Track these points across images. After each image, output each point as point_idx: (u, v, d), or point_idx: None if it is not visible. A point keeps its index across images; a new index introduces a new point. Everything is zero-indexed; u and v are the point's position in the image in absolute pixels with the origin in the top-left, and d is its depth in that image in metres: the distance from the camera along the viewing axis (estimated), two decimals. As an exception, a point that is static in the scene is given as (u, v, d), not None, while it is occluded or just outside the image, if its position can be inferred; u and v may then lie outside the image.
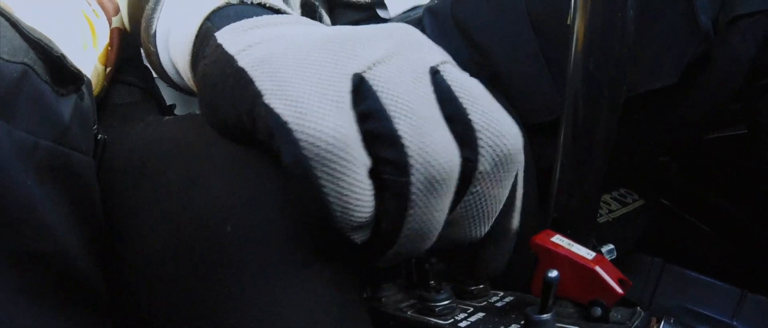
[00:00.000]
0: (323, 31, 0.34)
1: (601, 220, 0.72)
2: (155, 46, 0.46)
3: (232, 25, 0.36)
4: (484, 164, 0.31)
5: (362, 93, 0.30)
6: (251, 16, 0.37)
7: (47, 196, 0.32)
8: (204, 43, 0.38)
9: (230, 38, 0.35)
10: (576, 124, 0.46)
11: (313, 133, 0.28)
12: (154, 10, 0.45)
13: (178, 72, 0.45)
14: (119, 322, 0.38)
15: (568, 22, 0.46)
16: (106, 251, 0.38)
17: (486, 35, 0.64)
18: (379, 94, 0.30)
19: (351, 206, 0.30)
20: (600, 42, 0.44)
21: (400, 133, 0.29)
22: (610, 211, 0.75)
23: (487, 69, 0.64)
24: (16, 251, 0.30)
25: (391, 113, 0.29)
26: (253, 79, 0.31)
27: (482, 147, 0.31)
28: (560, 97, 0.54)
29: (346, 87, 0.30)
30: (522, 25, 0.62)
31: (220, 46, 0.35)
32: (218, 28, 0.37)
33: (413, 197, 0.30)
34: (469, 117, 0.31)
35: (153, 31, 0.45)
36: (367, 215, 0.31)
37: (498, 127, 0.31)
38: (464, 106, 0.31)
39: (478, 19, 0.65)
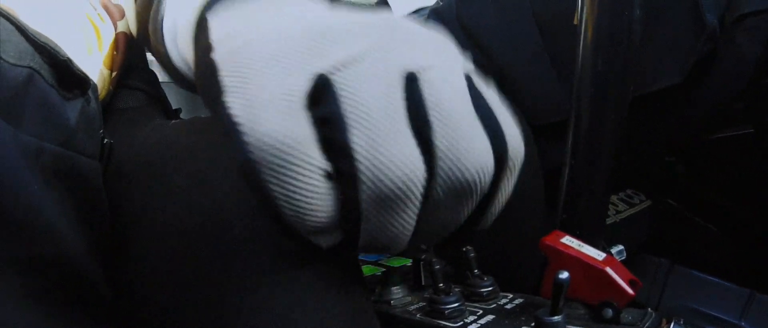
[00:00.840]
0: (309, 19, 0.32)
1: (608, 221, 0.72)
2: (164, 45, 0.45)
3: (225, 2, 0.35)
4: (436, 190, 0.29)
5: (325, 96, 0.28)
6: None
7: (53, 200, 0.32)
8: (201, 28, 0.36)
9: (218, 22, 0.34)
10: (584, 124, 0.46)
11: (260, 136, 0.27)
12: (159, 5, 0.45)
13: (190, 68, 0.44)
14: (124, 326, 0.38)
15: (575, 22, 0.46)
16: (111, 255, 0.38)
17: (491, 36, 0.64)
18: (341, 99, 0.28)
19: (302, 211, 0.29)
20: (607, 42, 0.44)
21: (353, 145, 0.27)
22: (618, 211, 0.75)
23: (492, 70, 0.64)
24: (21, 255, 0.30)
25: (349, 121, 0.27)
26: (219, 73, 0.30)
27: (439, 174, 0.28)
28: (566, 97, 0.54)
29: (304, 88, 0.28)
30: (527, 26, 0.62)
31: (206, 30, 0.34)
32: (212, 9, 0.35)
33: (364, 211, 0.28)
34: (433, 138, 0.28)
35: (160, 29, 0.44)
36: (323, 219, 0.29)
37: (461, 153, 0.28)
38: (432, 123, 0.28)
39: (483, 20, 0.65)
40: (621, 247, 0.59)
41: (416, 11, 0.79)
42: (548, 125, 0.61)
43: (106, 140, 0.40)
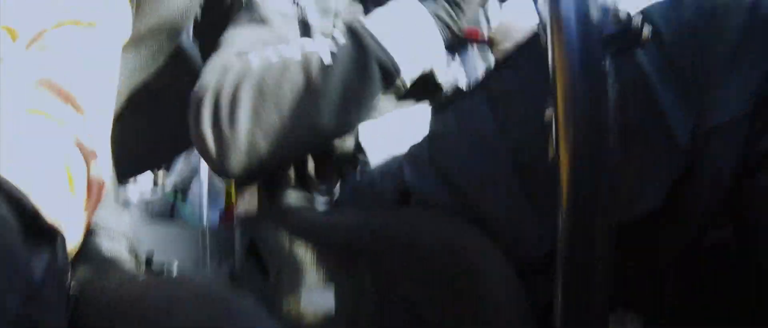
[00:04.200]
0: None
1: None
2: None
3: None
4: None
5: None
6: None
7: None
8: None
9: None
10: (572, 261, 0.45)
11: None
12: None
13: None
14: None
15: (550, 158, 0.46)
16: None
17: (465, 177, 0.64)
18: None
19: None
20: (585, 176, 0.44)
21: None
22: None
23: (468, 211, 0.63)
24: None
25: None
26: None
27: None
28: (547, 231, 0.53)
29: None
30: (501, 163, 0.62)
31: None
32: None
33: None
34: None
35: None
36: None
37: None
38: None
39: (456, 161, 0.66)
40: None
41: (392, 158, 0.78)
42: (532, 261, 0.60)
43: (72, 293, 0.38)
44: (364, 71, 0.78)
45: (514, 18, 0.94)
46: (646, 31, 0.46)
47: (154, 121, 0.79)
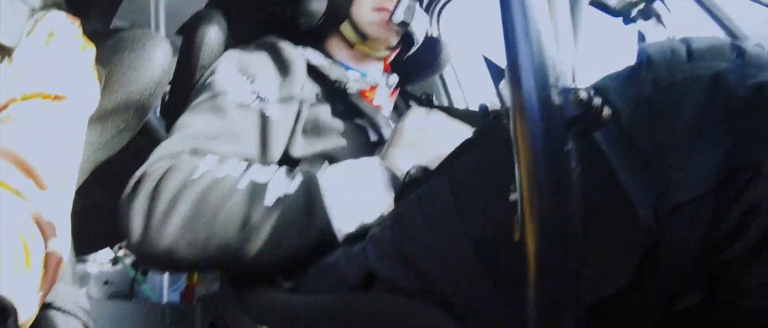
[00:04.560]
0: None
1: None
2: None
3: None
4: None
5: None
6: None
7: None
8: None
9: None
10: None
11: None
12: None
13: None
14: None
15: (516, 239, 0.46)
16: None
17: (428, 260, 0.63)
18: None
19: None
20: (554, 255, 0.44)
21: None
22: None
23: (432, 295, 0.62)
24: None
25: None
26: None
27: None
28: (512, 311, 0.53)
29: None
30: (464, 247, 0.61)
31: None
32: None
33: None
34: None
35: None
36: None
37: None
38: None
39: (419, 244, 0.65)
40: None
41: (362, 231, 0.78)
42: None
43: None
44: (304, 231, 0.78)
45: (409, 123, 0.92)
46: (607, 111, 0.47)
47: (117, 197, 0.77)
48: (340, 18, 1.09)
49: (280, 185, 0.79)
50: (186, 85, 0.99)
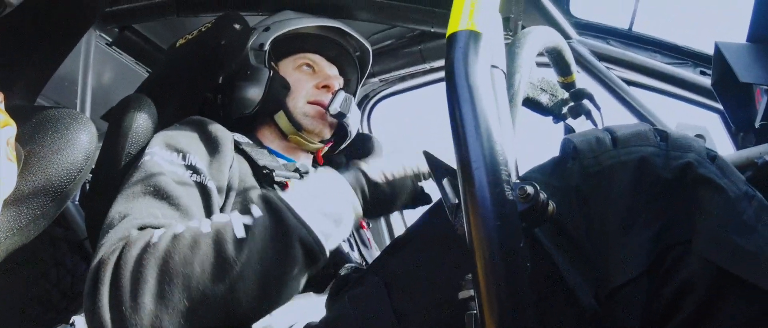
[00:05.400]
0: None
1: None
2: None
3: None
4: None
5: None
6: None
7: None
8: None
9: None
10: None
11: None
12: None
13: None
14: None
15: None
16: None
17: None
18: None
19: None
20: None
21: None
22: None
23: None
24: None
25: None
26: None
27: None
28: None
29: None
30: None
31: None
32: None
33: None
34: None
35: None
36: None
37: None
38: None
39: None
40: None
41: None
42: None
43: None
44: (286, 250, 0.70)
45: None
46: (552, 206, 0.47)
47: (30, 287, 0.70)
48: (275, 107, 1.09)
49: (244, 216, 0.71)
50: (109, 173, 0.92)
